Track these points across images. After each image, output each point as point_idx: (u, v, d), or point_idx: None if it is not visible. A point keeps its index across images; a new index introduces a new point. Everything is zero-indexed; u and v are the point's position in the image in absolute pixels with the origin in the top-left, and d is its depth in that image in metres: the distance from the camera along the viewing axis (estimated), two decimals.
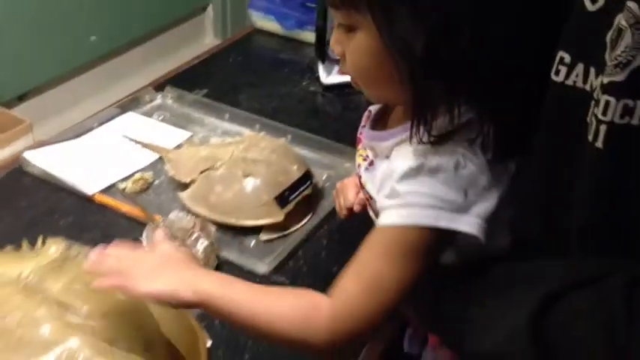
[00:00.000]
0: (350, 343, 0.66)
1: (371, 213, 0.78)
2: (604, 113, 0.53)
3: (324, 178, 1.15)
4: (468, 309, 0.64)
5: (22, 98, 2.84)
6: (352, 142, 0.83)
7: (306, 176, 1.07)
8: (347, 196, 0.90)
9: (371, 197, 0.73)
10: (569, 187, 0.59)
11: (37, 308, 0.72)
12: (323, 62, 1.46)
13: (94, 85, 3.14)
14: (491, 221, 0.65)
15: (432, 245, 0.64)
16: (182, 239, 0.94)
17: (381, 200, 0.67)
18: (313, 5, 1.68)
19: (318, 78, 1.49)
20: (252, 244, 1.01)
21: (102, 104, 3.19)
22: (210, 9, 3.74)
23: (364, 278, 0.63)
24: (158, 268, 0.70)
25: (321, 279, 0.85)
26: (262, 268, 0.96)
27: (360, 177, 0.76)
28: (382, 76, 0.65)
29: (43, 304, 0.72)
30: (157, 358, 0.72)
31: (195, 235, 0.94)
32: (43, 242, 0.87)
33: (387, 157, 0.69)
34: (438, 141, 0.63)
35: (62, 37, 2.83)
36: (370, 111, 0.78)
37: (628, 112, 0.52)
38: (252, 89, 1.47)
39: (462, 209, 0.63)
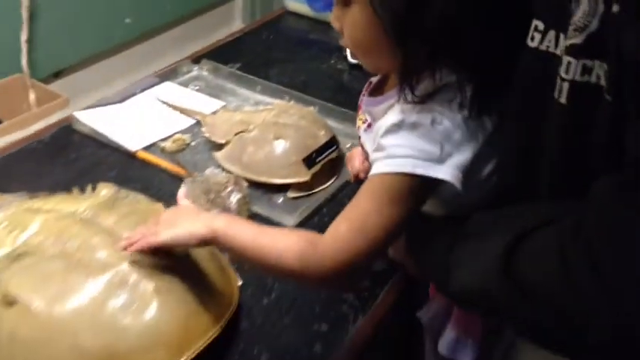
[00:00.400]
0: (341, 279, 0.73)
1: None
2: (566, 72, 0.60)
3: (348, 146, 1.23)
4: (452, 251, 0.72)
5: (57, 75, 2.97)
6: None
7: (332, 141, 1.15)
8: (353, 165, 1.01)
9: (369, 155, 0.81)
10: (541, 141, 0.66)
11: (93, 237, 0.81)
12: None
13: (126, 66, 3.25)
14: (472, 176, 0.73)
15: (414, 191, 0.71)
16: (217, 192, 1.03)
17: (371, 155, 0.76)
18: None
19: (345, 57, 1.57)
20: (280, 201, 1.10)
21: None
22: None
23: (354, 220, 0.71)
24: (176, 219, 0.80)
25: None
26: (290, 221, 1.04)
27: (359, 138, 0.85)
28: (374, 46, 0.73)
29: (98, 234, 0.82)
30: (198, 287, 0.81)
31: (229, 189, 1.03)
32: (94, 188, 0.98)
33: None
34: (421, 101, 0.71)
35: (98, 18, 2.95)
36: (371, 82, 0.87)
37: (587, 71, 0.59)
38: (283, 65, 1.55)
39: (439, 160, 0.70)
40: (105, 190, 0.94)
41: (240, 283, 0.92)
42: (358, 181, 1.00)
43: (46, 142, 1.21)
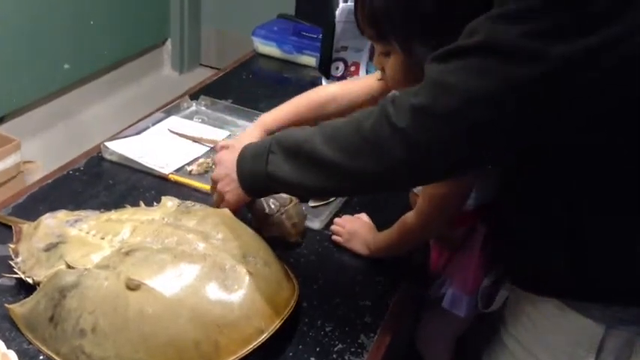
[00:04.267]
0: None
1: None
2: None
3: None
4: None
5: (1, 120, 3.06)
6: None
7: None
8: None
9: None
10: None
11: (187, 234, 0.97)
12: (327, 78, 1.77)
13: (66, 109, 3.38)
14: None
15: None
16: (282, 205, 1.19)
17: None
18: (307, 34, 2.01)
19: None
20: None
21: (76, 126, 3.46)
22: (168, 43, 4.05)
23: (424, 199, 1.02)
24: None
25: None
26: (317, 224, 1.24)
27: None
28: (407, 81, 0.99)
29: (190, 232, 0.98)
30: (274, 273, 0.99)
31: (293, 202, 1.20)
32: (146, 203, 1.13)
33: None
34: None
35: (39, 64, 3.08)
36: None
37: None
38: (268, 99, 1.74)
39: None
40: (170, 202, 1.10)
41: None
42: None
43: (83, 171, 1.35)
